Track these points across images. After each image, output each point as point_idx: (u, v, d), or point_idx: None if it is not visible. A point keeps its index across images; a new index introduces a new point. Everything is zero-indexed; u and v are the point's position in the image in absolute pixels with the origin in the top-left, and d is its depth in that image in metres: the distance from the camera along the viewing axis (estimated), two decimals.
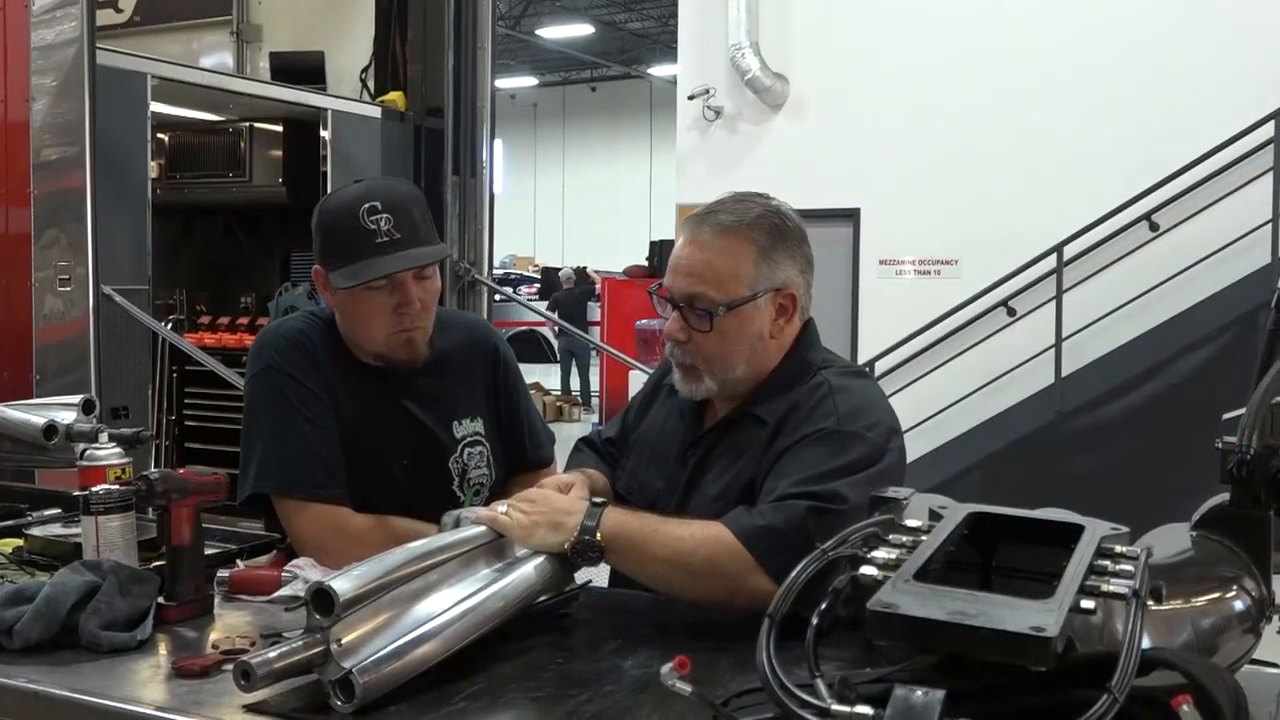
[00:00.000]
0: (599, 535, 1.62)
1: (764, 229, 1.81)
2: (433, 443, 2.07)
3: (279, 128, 6.66)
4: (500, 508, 1.68)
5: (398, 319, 1.97)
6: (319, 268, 2.01)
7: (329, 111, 6.32)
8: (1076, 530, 1.26)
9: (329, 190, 5.85)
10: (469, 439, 2.11)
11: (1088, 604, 1.09)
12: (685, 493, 1.85)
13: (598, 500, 1.69)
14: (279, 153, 6.67)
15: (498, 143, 6.98)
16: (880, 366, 7.41)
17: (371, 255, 1.92)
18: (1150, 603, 1.16)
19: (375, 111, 6.57)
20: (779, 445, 1.74)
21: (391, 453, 2.02)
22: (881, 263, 8.14)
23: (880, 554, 1.19)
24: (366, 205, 1.93)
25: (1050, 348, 6.91)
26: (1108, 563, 1.18)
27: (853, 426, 1.71)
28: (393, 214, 1.93)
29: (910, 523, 1.28)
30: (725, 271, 1.79)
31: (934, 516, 1.31)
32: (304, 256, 6.55)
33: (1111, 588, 1.12)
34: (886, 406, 1.82)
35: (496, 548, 1.63)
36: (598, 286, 14.57)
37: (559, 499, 1.72)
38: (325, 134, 6.30)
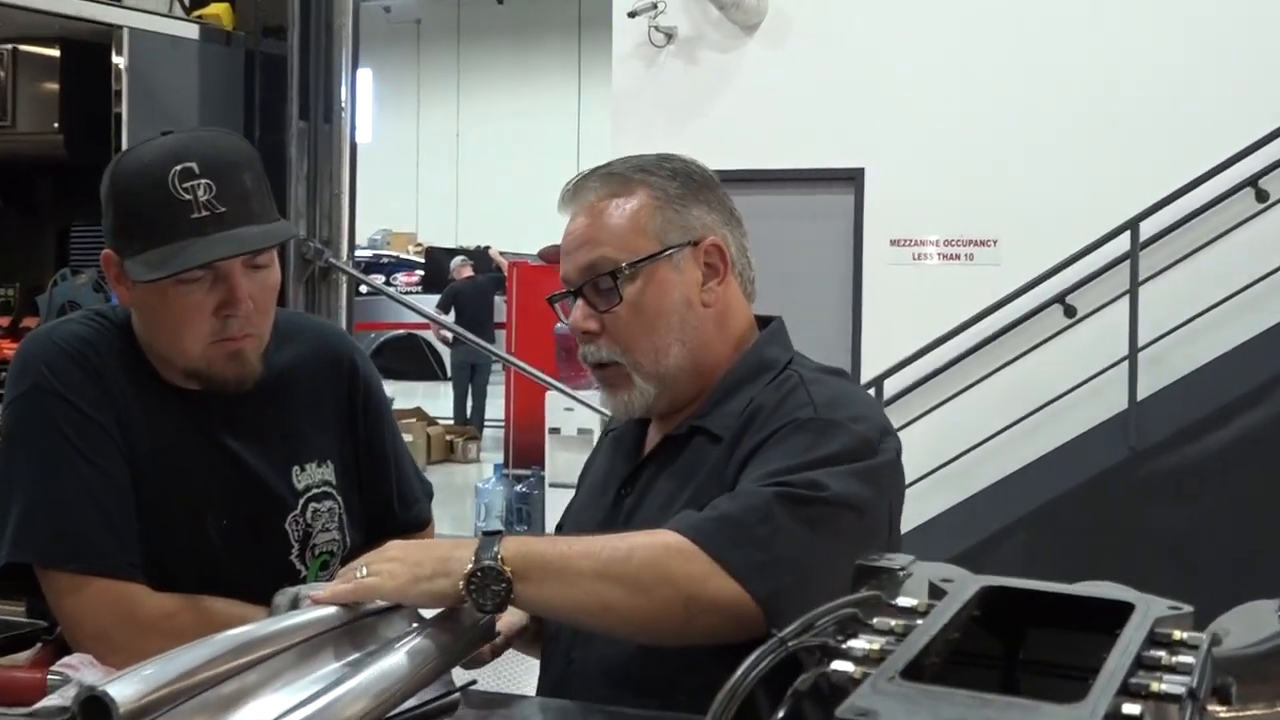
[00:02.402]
0: (502, 560, 1.65)
1: (662, 174, 1.95)
2: (264, 495, 2.08)
3: (54, 52, 6.60)
4: (360, 571, 1.71)
5: (221, 324, 1.98)
6: (110, 252, 2.02)
7: (125, 30, 6.26)
8: (1126, 610, 1.31)
9: (125, 143, 5.81)
10: (315, 491, 2.13)
11: (1131, 708, 1.13)
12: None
13: (490, 530, 1.73)
14: (54, 87, 6.60)
15: (364, 74, 6.97)
16: (891, 386, 7.48)
17: (185, 236, 1.93)
18: (1215, 706, 1.21)
19: (191, 30, 6.53)
20: (742, 451, 1.82)
21: (206, 508, 2.03)
22: (894, 243, 8.21)
23: (859, 644, 1.22)
24: (179, 167, 1.94)
25: (1122, 360, 6.98)
26: (1162, 653, 1.22)
27: (834, 416, 1.81)
28: (214, 179, 1.94)
29: (903, 602, 1.31)
30: (622, 226, 1.92)
31: (936, 593, 1.35)
32: (89, 232, 6.49)
33: (1164, 687, 1.17)
34: (876, 406, 1.96)
35: (351, 633, 1.65)
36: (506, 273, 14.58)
37: (435, 543, 1.80)
38: (119, 61, 6.24)
